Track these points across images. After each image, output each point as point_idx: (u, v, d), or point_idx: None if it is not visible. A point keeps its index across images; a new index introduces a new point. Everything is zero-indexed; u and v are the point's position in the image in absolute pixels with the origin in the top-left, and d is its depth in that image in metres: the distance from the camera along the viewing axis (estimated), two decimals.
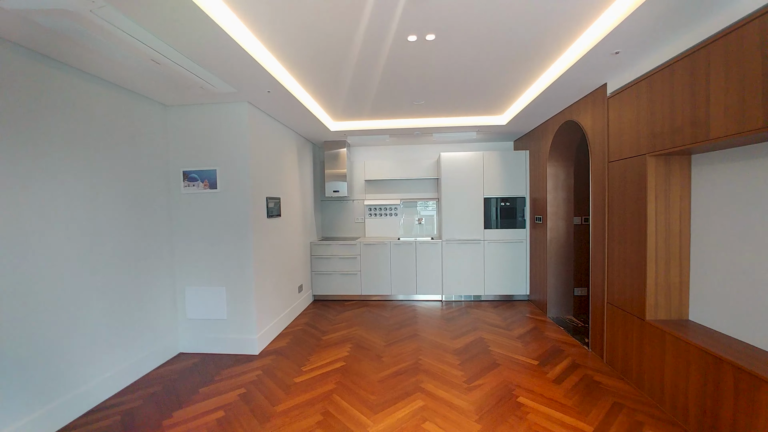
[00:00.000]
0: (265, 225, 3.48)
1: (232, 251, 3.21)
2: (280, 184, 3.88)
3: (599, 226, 2.94)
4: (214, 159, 3.20)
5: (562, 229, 4.04)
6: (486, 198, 4.72)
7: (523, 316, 4.15)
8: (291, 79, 2.95)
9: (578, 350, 3.16)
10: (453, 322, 3.99)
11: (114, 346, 2.61)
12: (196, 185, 3.21)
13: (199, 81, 2.59)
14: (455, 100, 3.49)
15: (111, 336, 2.59)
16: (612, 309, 2.77)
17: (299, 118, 3.74)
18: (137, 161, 2.87)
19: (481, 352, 3.15)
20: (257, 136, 3.35)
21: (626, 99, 2.55)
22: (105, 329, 2.54)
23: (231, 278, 3.22)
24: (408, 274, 4.84)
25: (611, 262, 2.77)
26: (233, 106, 3.17)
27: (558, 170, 4.01)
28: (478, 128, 4.39)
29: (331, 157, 5.00)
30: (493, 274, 4.74)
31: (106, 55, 2.12)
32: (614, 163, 2.71)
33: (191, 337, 3.29)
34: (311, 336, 3.66)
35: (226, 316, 3.24)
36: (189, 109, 3.21)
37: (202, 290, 3.25)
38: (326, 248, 4.90)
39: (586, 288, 4.15)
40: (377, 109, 3.73)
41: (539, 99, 3.26)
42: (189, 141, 3.22)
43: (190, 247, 3.25)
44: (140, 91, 2.83)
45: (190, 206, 3.23)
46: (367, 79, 2.91)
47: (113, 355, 2.60)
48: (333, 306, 4.73)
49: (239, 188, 3.18)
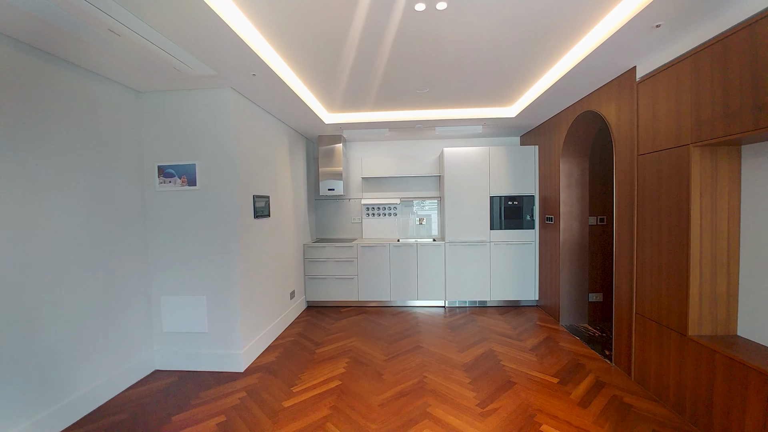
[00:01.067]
0: (252, 226, 3.12)
1: (214, 256, 2.85)
2: (269, 182, 3.53)
3: (626, 227, 2.63)
4: (194, 152, 2.84)
5: (576, 230, 3.73)
6: (492, 196, 4.41)
7: (533, 324, 3.84)
8: (280, 61, 2.60)
9: (600, 365, 2.85)
10: (459, 331, 3.67)
11: (72, 368, 2.24)
12: (173, 182, 2.85)
13: (172, 60, 2.23)
14: (462, 88, 3.17)
15: (68, 356, 2.22)
16: (642, 321, 2.46)
17: (290, 108, 3.39)
18: (103, 154, 2.50)
19: (492, 368, 2.83)
20: (242, 127, 2.99)
21: (662, 83, 2.24)
22: (60, 348, 2.17)
23: (213, 286, 2.87)
24: (408, 278, 4.51)
25: (641, 267, 2.46)
26: (215, 93, 2.81)
27: (572, 166, 3.71)
28: (484, 122, 4.07)
29: (326, 152, 4.66)
30: (500, 278, 4.43)
31: (51, 21, 1.76)
32: (646, 156, 2.40)
33: (168, 352, 2.92)
34: (304, 349, 3.31)
35: (207, 329, 2.88)
36: (164, 95, 2.85)
37: (180, 300, 2.89)
38: (321, 251, 4.56)
39: (602, 294, 3.85)
40: (377, 98, 3.39)
41: (555, 87, 2.95)
42: (165, 132, 2.85)
43: (166, 252, 2.88)
44: (104, 72, 2.46)
45: (167, 205, 2.87)
46: (367, 62, 2.57)
47: (71, 379, 2.23)
48: (328, 313, 4.38)
49: (222, 185, 2.83)
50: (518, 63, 2.65)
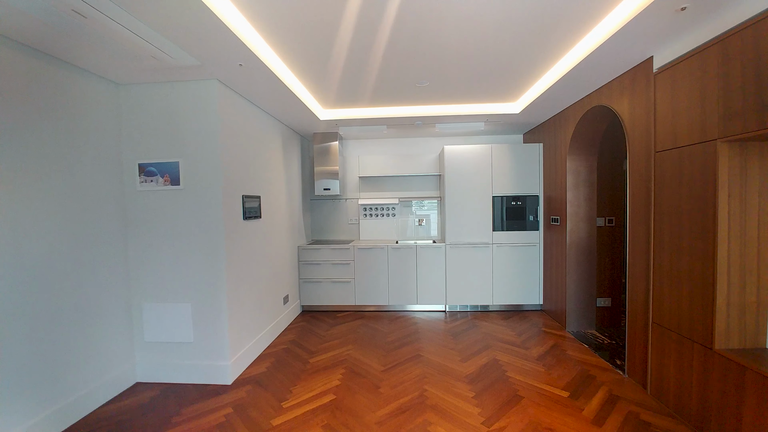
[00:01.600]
0: (241, 228, 2.93)
1: (199, 260, 2.66)
2: (260, 181, 3.34)
3: (641, 230, 2.45)
4: (177, 149, 2.65)
5: (584, 231, 3.55)
6: (495, 196, 4.22)
7: (538, 330, 3.67)
8: (270, 52, 2.41)
9: (612, 376, 2.68)
10: (460, 338, 3.49)
11: (45, 381, 2.05)
12: (155, 181, 2.66)
13: (148, 47, 2.04)
14: (464, 81, 2.98)
15: (41, 368, 2.02)
16: (660, 330, 2.28)
17: (282, 103, 3.19)
18: (79, 150, 2.31)
19: (497, 380, 2.65)
20: (230, 122, 2.80)
21: (684, 72, 2.06)
22: (31, 360, 1.97)
23: (198, 292, 2.67)
24: (407, 281, 4.32)
25: (659, 273, 2.28)
26: (199, 85, 2.62)
27: (579, 165, 3.53)
28: (487, 118, 3.89)
29: (322, 151, 4.46)
30: (503, 281, 4.25)
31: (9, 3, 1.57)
32: (664, 153, 2.22)
33: (151, 363, 2.73)
34: (297, 358, 3.12)
35: (192, 339, 2.69)
36: (146, 88, 2.65)
37: (163, 307, 2.69)
38: (316, 253, 4.36)
39: (610, 299, 3.67)
40: (374, 92, 3.20)
41: (563, 81, 2.77)
42: (146, 127, 2.66)
43: (147, 256, 2.69)
44: (75, 61, 2.26)
45: (148, 206, 2.68)
46: (364, 52, 2.38)
47: (44, 393, 2.04)
48: (323, 318, 4.19)
49: (207, 185, 2.64)
50: (524, 54, 2.47)
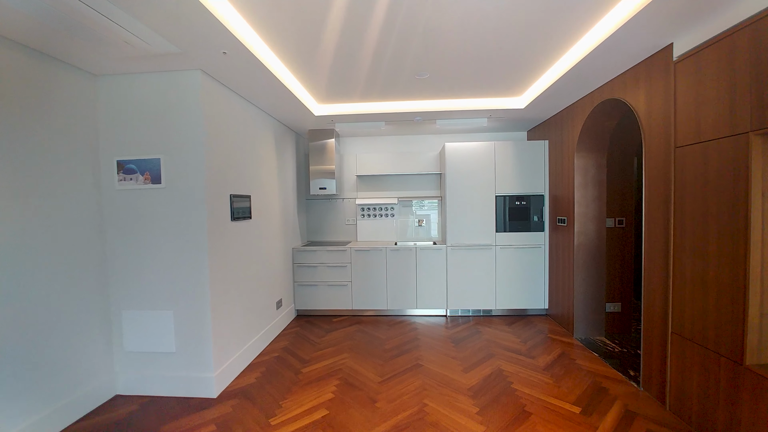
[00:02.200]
0: (228, 229, 2.75)
1: (181, 264, 2.47)
2: (251, 180, 3.15)
3: (659, 232, 2.26)
4: (158, 145, 2.46)
5: (592, 232, 3.37)
6: (498, 196, 4.04)
7: (544, 336, 3.48)
8: (257, 39, 2.22)
9: (626, 388, 2.49)
10: (462, 345, 3.30)
11: (14, 394, 1.86)
12: (135, 179, 2.47)
13: (122, 32, 1.85)
14: (467, 74, 2.79)
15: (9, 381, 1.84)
16: (681, 342, 2.10)
17: (273, 96, 3.01)
18: (53, 146, 2.12)
19: (503, 393, 2.47)
20: (217, 116, 2.61)
21: (710, 59, 1.87)
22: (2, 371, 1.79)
23: (181, 299, 2.49)
24: (407, 284, 4.14)
25: (680, 280, 2.09)
26: (182, 76, 2.43)
27: (587, 162, 3.34)
28: (490, 113, 3.70)
29: (317, 148, 4.28)
30: (506, 284, 4.06)
31: None
32: (686, 148, 2.04)
33: (131, 374, 2.54)
34: (289, 367, 2.94)
35: (174, 349, 2.50)
36: (124, 79, 2.46)
37: (143, 315, 2.51)
38: (311, 255, 4.18)
39: (620, 304, 3.49)
40: (370, 85, 3.01)
41: (572, 73, 2.59)
42: (125, 121, 2.47)
43: (127, 260, 2.50)
44: (44, 48, 2.07)
45: (127, 206, 2.49)
46: (358, 38, 2.19)
47: (13, 408, 1.85)
48: (319, 323, 4.01)
49: (191, 183, 2.45)
50: (531, 44, 2.28)
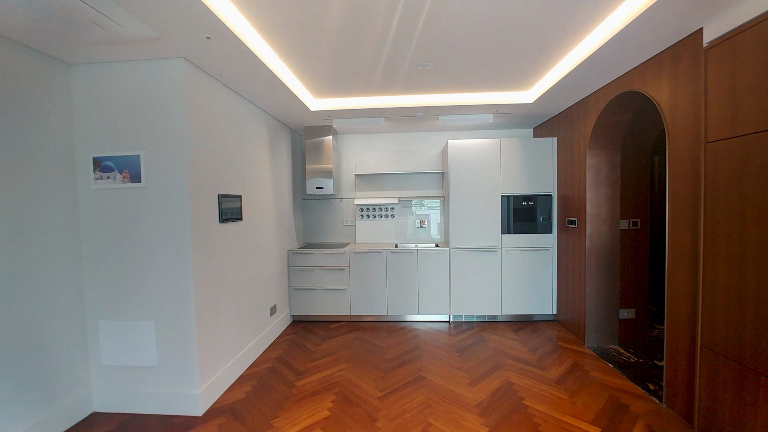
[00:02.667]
0: (216, 232, 2.54)
1: (163, 270, 2.27)
2: (242, 179, 2.95)
3: (685, 234, 2.07)
4: (138, 140, 2.26)
5: (606, 235, 3.17)
6: (504, 196, 3.84)
7: (554, 345, 3.29)
8: (245, 23, 2.02)
9: (646, 405, 2.30)
10: (467, 355, 3.11)
11: None
12: (113, 177, 2.26)
13: (90, 12, 1.65)
14: (473, 64, 2.59)
15: None
16: (713, 357, 1.90)
17: (265, 88, 2.80)
18: (23, 142, 1.91)
19: (513, 411, 2.27)
20: (203, 109, 2.41)
21: (749, 44, 1.68)
22: None
23: (163, 309, 2.28)
24: (408, 289, 3.94)
25: (712, 288, 1.90)
26: (164, 64, 2.23)
27: (600, 160, 3.14)
28: (496, 108, 3.50)
29: (314, 146, 4.08)
30: (512, 289, 3.87)
31: None
32: (719, 144, 1.84)
33: (109, 390, 2.34)
34: (282, 380, 2.73)
35: (155, 362, 2.30)
36: (102, 68, 2.26)
37: (122, 325, 2.30)
38: (307, 258, 3.98)
39: (634, 310, 3.29)
40: (371, 76, 2.81)
41: (585, 64, 2.40)
42: (102, 114, 2.27)
43: (104, 265, 2.29)
44: (10, 33, 1.86)
45: (104, 207, 2.28)
46: (358, 24, 1.99)
47: None
48: (316, 330, 3.81)
49: (174, 182, 2.24)
50: (545, 32, 2.09)
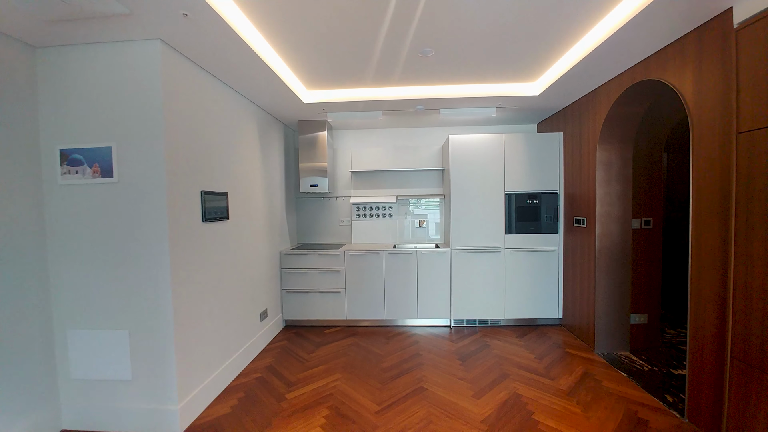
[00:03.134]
0: (199, 232, 2.34)
1: (138, 274, 2.06)
2: (229, 175, 2.74)
3: (713, 236, 1.89)
4: (109, 131, 2.04)
5: (617, 235, 2.99)
6: (507, 194, 3.66)
7: (561, 351, 3.10)
8: (230, 3, 1.82)
9: (667, 420, 2.11)
10: (471, 363, 2.91)
11: None
12: (82, 171, 2.05)
13: None
14: (477, 51, 2.40)
15: None
16: (745, 371, 1.72)
17: (254, 77, 2.60)
18: None
19: (523, 427, 2.08)
20: (182, 98, 2.20)
21: None
22: None
23: (138, 316, 2.07)
24: (407, 292, 3.74)
25: (744, 295, 1.72)
26: (137, 46, 2.01)
27: (612, 156, 2.96)
28: (500, 101, 3.32)
29: (308, 142, 3.87)
30: (516, 292, 3.68)
31: None
32: (754, 134, 1.66)
33: (79, 406, 2.12)
34: (271, 392, 2.53)
35: (130, 376, 2.09)
36: (69, 51, 2.04)
37: (92, 335, 2.09)
38: (301, 259, 3.77)
39: (646, 315, 3.11)
40: (367, 63, 2.61)
41: (599, 51, 2.23)
42: (70, 102, 2.05)
43: (72, 269, 2.08)
44: None
45: (73, 205, 2.07)
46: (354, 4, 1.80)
47: None
48: (309, 336, 3.60)
49: (149, 177, 2.03)
50: (557, 15, 1.90)
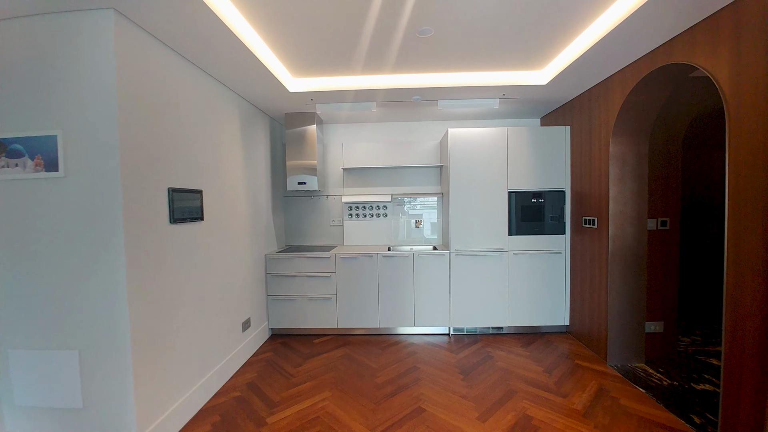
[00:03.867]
0: (166, 235, 2.04)
1: (89, 285, 1.76)
2: (204, 171, 2.45)
3: (754, 239, 1.64)
4: (54, 117, 1.74)
5: (631, 236, 2.75)
6: (511, 192, 3.40)
7: (570, 363, 2.85)
8: None
9: None
10: (473, 377, 2.66)
11: None
12: (22, 164, 1.75)
13: None
14: (480, 32, 2.14)
15: None
16: None
17: (230, 60, 2.31)
18: None
19: None
20: (143, 81, 1.91)
21: None
22: None
23: (89, 334, 1.78)
24: (402, 298, 3.47)
25: None
26: (86, 17, 1.71)
27: (626, 151, 2.72)
28: (503, 91, 3.06)
29: (296, 136, 3.59)
30: (520, 297, 3.43)
31: None
32: None
33: None
34: (250, 415, 2.25)
35: (81, 403, 1.79)
36: (7, 25, 1.74)
37: (38, 356, 1.79)
38: (288, 263, 3.48)
39: (662, 323, 2.88)
40: (359, 43, 2.33)
41: (618, 32, 1.97)
42: (9, 83, 1.75)
43: (11, 280, 1.78)
44: None
45: (12, 203, 1.77)
46: None
47: None
48: (297, 346, 3.32)
49: (101, 171, 1.74)
50: None
